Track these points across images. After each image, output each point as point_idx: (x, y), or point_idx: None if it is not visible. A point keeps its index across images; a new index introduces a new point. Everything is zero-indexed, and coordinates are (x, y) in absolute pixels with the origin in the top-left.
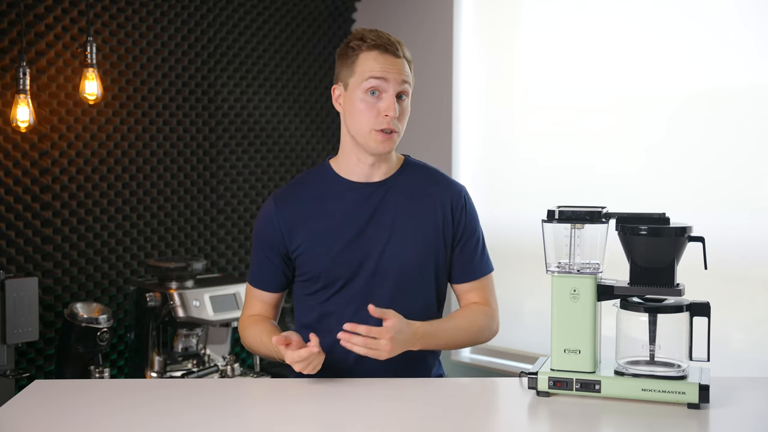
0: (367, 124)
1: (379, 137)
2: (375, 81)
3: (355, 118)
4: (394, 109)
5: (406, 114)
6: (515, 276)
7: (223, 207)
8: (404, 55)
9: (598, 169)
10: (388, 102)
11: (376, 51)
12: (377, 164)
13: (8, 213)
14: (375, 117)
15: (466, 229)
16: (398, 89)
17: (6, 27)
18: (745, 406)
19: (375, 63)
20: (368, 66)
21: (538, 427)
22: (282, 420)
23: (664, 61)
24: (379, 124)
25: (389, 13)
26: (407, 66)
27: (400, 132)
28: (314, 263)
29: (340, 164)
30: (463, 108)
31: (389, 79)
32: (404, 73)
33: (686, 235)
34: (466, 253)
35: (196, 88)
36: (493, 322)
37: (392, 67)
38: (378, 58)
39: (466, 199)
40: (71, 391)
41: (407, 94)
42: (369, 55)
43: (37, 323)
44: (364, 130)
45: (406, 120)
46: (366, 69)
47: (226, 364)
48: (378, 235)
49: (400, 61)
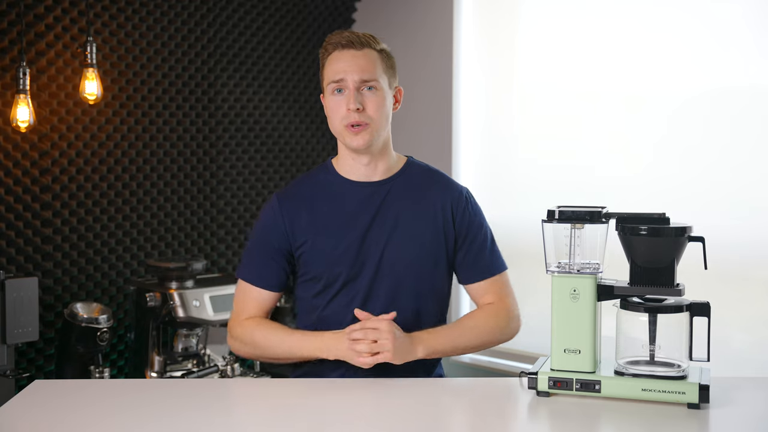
0: (338, 121)
1: (351, 132)
2: (336, 82)
3: (330, 118)
4: (353, 102)
5: (378, 105)
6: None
7: (223, 207)
8: (369, 46)
9: (598, 170)
10: (348, 97)
11: (337, 50)
12: (373, 163)
13: (8, 213)
14: (342, 113)
15: (470, 229)
16: (358, 83)
17: (6, 27)
18: (745, 406)
19: (336, 62)
20: (331, 67)
21: (538, 427)
22: (282, 420)
23: (664, 61)
24: (346, 119)
25: (389, 13)
26: (374, 56)
27: (374, 124)
28: (316, 262)
29: (340, 164)
30: (463, 108)
31: (346, 77)
32: (364, 68)
33: (686, 235)
34: (473, 252)
35: (196, 88)
36: (508, 321)
37: (350, 62)
38: (338, 56)
39: (468, 199)
40: (71, 391)
41: (376, 87)
42: (333, 57)
43: (37, 323)
44: (338, 128)
45: (379, 111)
46: (329, 71)
47: (226, 364)
48: (379, 235)
49: (361, 53)
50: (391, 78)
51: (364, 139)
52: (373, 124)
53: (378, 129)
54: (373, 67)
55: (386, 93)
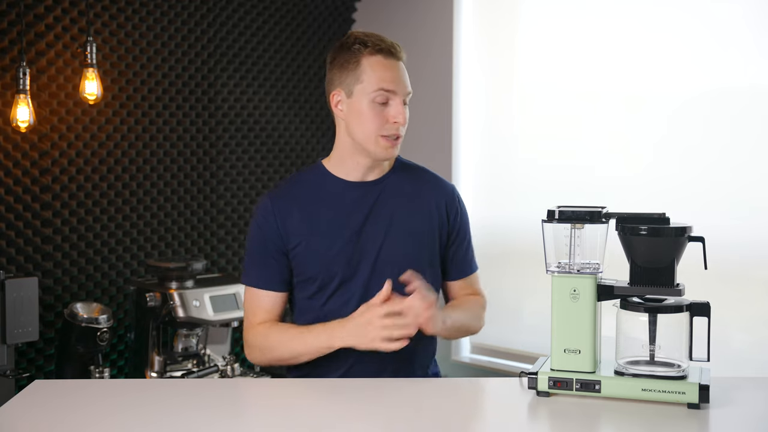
0: (374, 130)
1: (386, 143)
2: (387, 92)
3: (363, 124)
4: (404, 117)
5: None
6: (515, 276)
7: (223, 207)
8: (403, 59)
9: (598, 170)
10: (397, 109)
11: (380, 56)
12: (373, 166)
13: (8, 213)
14: (383, 123)
15: (461, 229)
16: (405, 97)
17: (6, 27)
18: (745, 406)
19: (383, 71)
20: (377, 74)
21: (538, 427)
22: (281, 420)
23: (664, 62)
24: (386, 131)
25: (389, 13)
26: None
27: (403, 137)
28: (311, 263)
29: (334, 165)
30: (463, 108)
31: (398, 87)
32: (407, 81)
33: (686, 235)
34: (460, 251)
35: (196, 88)
36: (484, 312)
37: (400, 73)
38: (384, 63)
39: (459, 200)
40: (71, 391)
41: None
42: (373, 61)
43: (37, 323)
44: (371, 137)
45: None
46: (374, 78)
47: (226, 364)
48: (375, 234)
49: (402, 65)
50: None
51: (395, 152)
52: (403, 136)
53: None
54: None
55: None
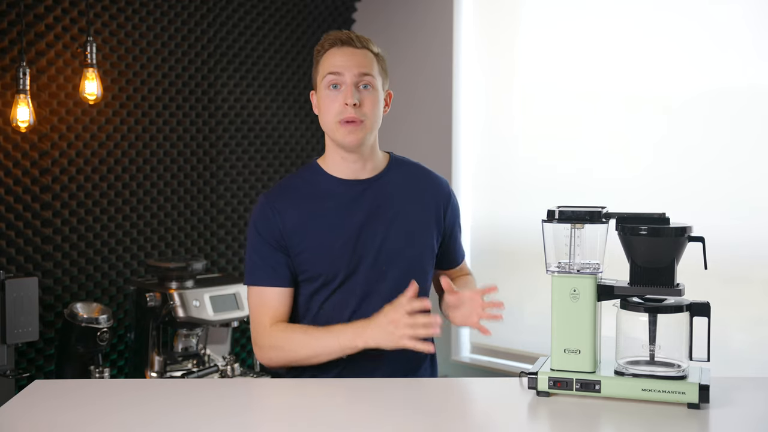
0: (332, 117)
1: (344, 128)
2: (333, 74)
3: (323, 114)
4: (351, 97)
5: (373, 104)
6: (515, 276)
7: (223, 207)
8: (366, 47)
9: (598, 170)
10: (345, 92)
11: (335, 47)
12: (361, 162)
13: (8, 213)
14: (338, 108)
15: (455, 223)
16: (356, 79)
17: (6, 27)
18: (745, 406)
19: (333, 58)
20: (328, 62)
21: (538, 427)
22: (281, 420)
23: (664, 62)
24: (340, 114)
25: (389, 13)
26: (370, 57)
27: (368, 122)
28: (314, 262)
29: (327, 164)
30: (464, 108)
31: (344, 71)
32: (363, 65)
33: (686, 235)
34: (453, 243)
35: (196, 88)
36: None
37: (349, 57)
38: (336, 52)
39: (452, 195)
40: (71, 391)
41: (372, 85)
42: (329, 53)
43: (37, 323)
44: (331, 124)
45: (375, 110)
46: (326, 65)
47: (226, 364)
48: (375, 231)
49: (360, 52)
50: (384, 80)
51: (357, 136)
52: (367, 121)
53: (371, 128)
54: (371, 65)
55: (380, 93)
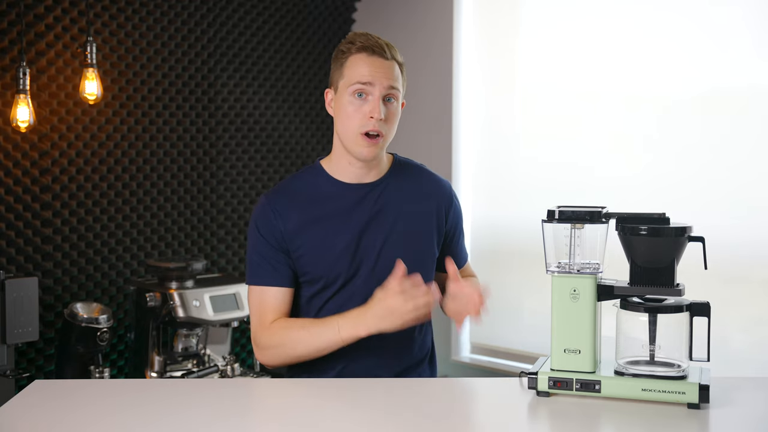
0: (353, 126)
1: (365, 141)
2: (363, 84)
3: (343, 120)
4: (378, 111)
5: (395, 117)
6: (515, 276)
7: (223, 207)
8: (394, 58)
9: (598, 169)
10: (373, 104)
11: (364, 53)
12: (368, 168)
13: (8, 213)
14: (361, 119)
15: (458, 226)
16: (384, 92)
17: (6, 27)
18: (745, 406)
19: (363, 65)
20: (356, 69)
21: (538, 427)
22: (281, 420)
23: (664, 62)
24: (364, 126)
25: (389, 13)
26: (397, 69)
27: (387, 136)
28: (313, 264)
29: (332, 166)
30: (463, 108)
31: (375, 82)
32: (391, 77)
33: (686, 235)
34: (456, 246)
35: (196, 88)
36: None
37: (379, 69)
38: (365, 60)
39: (455, 197)
40: (71, 391)
41: (396, 98)
42: (357, 58)
43: (37, 323)
44: (352, 134)
45: (394, 124)
46: (354, 72)
47: (226, 364)
48: (376, 234)
49: (389, 64)
50: (404, 91)
51: (375, 151)
52: (386, 136)
53: (387, 142)
54: (398, 78)
55: (400, 105)
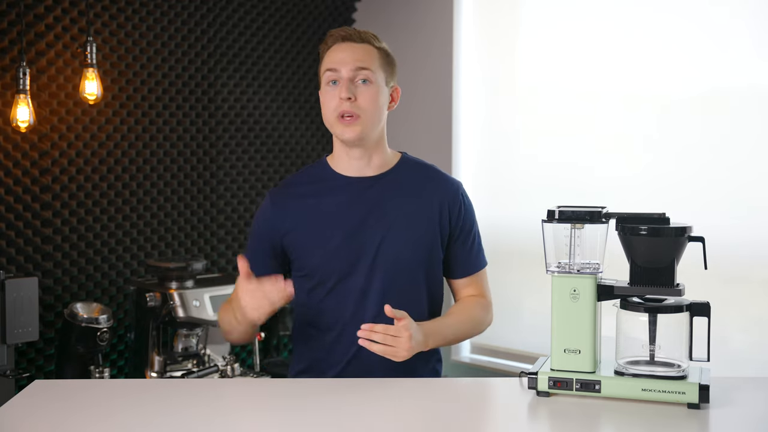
0: (329, 112)
1: (341, 123)
2: (331, 71)
3: (323, 110)
4: (345, 91)
5: (372, 99)
6: (515, 276)
7: (223, 207)
8: (368, 41)
9: (598, 169)
10: (341, 86)
11: (336, 43)
12: (366, 158)
13: (8, 213)
14: (335, 104)
15: (464, 226)
16: (353, 74)
17: (6, 27)
18: (745, 406)
19: (333, 53)
20: (328, 59)
21: (538, 427)
22: (281, 420)
23: (664, 62)
24: (337, 109)
25: (389, 13)
26: (374, 52)
27: (365, 117)
28: (311, 258)
29: (334, 161)
30: (463, 108)
31: (342, 65)
32: (361, 59)
33: (686, 235)
34: (464, 249)
35: (196, 88)
36: (488, 314)
37: (346, 52)
38: (336, 48)
39: (464, 196)
40: (71, 391)
41: (370, 80)
42: (331, 50)
43: (37, 323)
44: (330, 120)
45: (373, 105)
46: (326, 62)
47: (226, 364)
48: (374, 230)
49: (360, 47)
50: (388, 76)
51: (355, 131)
52: (364, 116)
53: (370, 122)
54: (370, 59)
55: (381, 88)
